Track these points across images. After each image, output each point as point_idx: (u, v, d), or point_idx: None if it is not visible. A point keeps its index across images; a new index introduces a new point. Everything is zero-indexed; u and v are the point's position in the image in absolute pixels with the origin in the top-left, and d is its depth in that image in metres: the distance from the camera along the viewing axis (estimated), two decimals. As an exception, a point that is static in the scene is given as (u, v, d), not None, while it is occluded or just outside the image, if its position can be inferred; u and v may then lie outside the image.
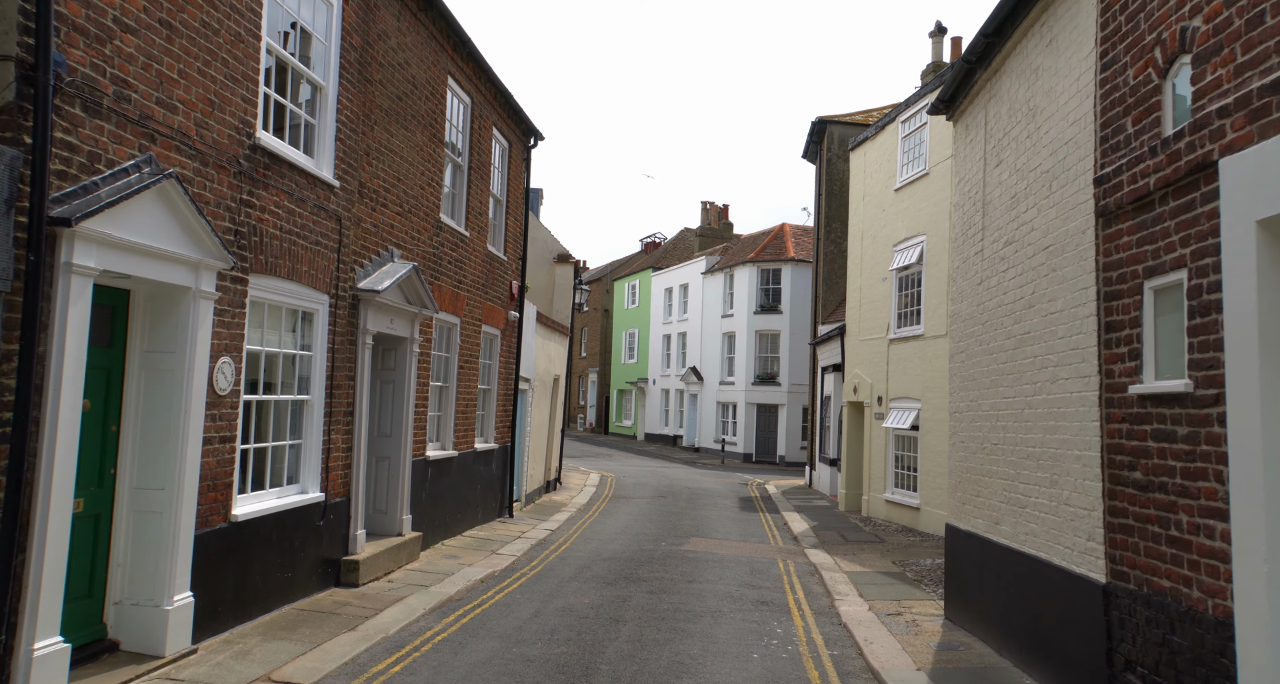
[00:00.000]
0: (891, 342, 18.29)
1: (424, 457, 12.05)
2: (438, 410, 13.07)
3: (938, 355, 16.25)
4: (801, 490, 25.31)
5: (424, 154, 11.64)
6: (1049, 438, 6.71)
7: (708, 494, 23.33)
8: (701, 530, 16.25)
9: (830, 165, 27.02)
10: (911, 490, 17.30)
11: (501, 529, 14.79)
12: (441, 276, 12.50)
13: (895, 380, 18.04)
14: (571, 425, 60.16)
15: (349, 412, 9.67)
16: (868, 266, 19.89)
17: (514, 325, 16.43)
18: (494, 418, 15.57)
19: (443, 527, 12.92)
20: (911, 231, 17.61)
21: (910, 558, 13.59)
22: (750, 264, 38.73)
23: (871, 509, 18.87)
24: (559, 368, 21.95)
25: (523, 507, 17.86)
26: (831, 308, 26.67)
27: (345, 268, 9.44)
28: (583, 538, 14.69)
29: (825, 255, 26.83)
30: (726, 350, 40.55)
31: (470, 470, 14.18)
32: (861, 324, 20.07)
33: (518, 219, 16.58)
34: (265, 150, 7.58)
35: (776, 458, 37.45)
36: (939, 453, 16.05)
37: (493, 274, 15.06)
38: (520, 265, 16.79)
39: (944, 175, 16.37)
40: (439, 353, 12.93)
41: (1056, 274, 6.62)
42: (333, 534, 9.32)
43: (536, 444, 19.38)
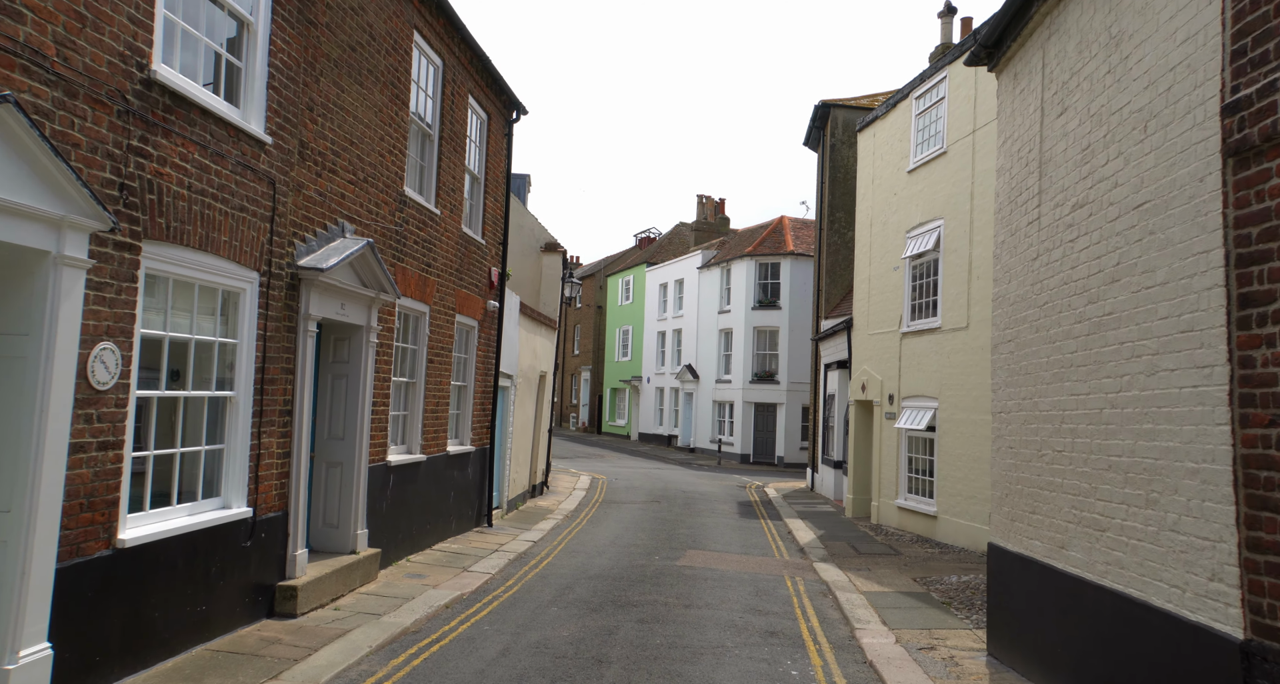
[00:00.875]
0: (904, 336, 16.89)
1: (384, 462, 10.61)
2: (402, 409, 11.63)
3: (957, 350, 14.86)
4: (803, 494, 23.92)
5: (384, 117, 10.20)
6: (1144, 445, 5.30)
7: (704, 499, 21.92)
8: (699, 541, 14.84)
9: (834, 151, 25.62)
10: (927, 497, 15.91)
11: (477, 541, 13.35)
12: (406, 258, 11.06)
13: (908, 377, 16.65)
14: (563, 425, 58.74)
15: (286, 411, 8.22)
16: (877, 255, 18.49)
17: (493, 316, 14.99)
18: (470, 418, 14.13)
19: (408, 540, 11.48)
20: (927, 216, 16.21)
21: (932, 574, 12.18)
22: (748, 258, 37.33)
23: (882, 516, 17.47)
24: (546, 364, 20.52)
25: (504, 514, 16.43)
26: (835, 302, 25.28)
27: (282, 241, 7.99)
28: (567, 551, 13.26)
29: (828, 246, 25.44)
30: (723, 348, 39.15)
31: (441, 476, 12.74)
32: (870, 317, 18.67)
33: (498, 200, 15.14)
34: (166, 88, 6.13)
35: (775, 459, 36.06)
36: (958, 456, 14.66)
37: (468, 259, 13.62)
38: (501, 251, 15.36)
39: (964, 153, 14.98)
40: (404, 345, 11.49)
41: (1156, 237, 5.21)
42: (265, 556, 7.88)
43: (520, 446, 17.95)
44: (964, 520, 14.37)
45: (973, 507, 14.13)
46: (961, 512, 14.48)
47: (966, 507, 14.32)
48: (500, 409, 16.38)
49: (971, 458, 14.22)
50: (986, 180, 14.20)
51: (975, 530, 14.00)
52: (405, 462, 11.26)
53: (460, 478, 13.63)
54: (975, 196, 14.55)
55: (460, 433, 14.02)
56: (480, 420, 14.62)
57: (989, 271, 13.97)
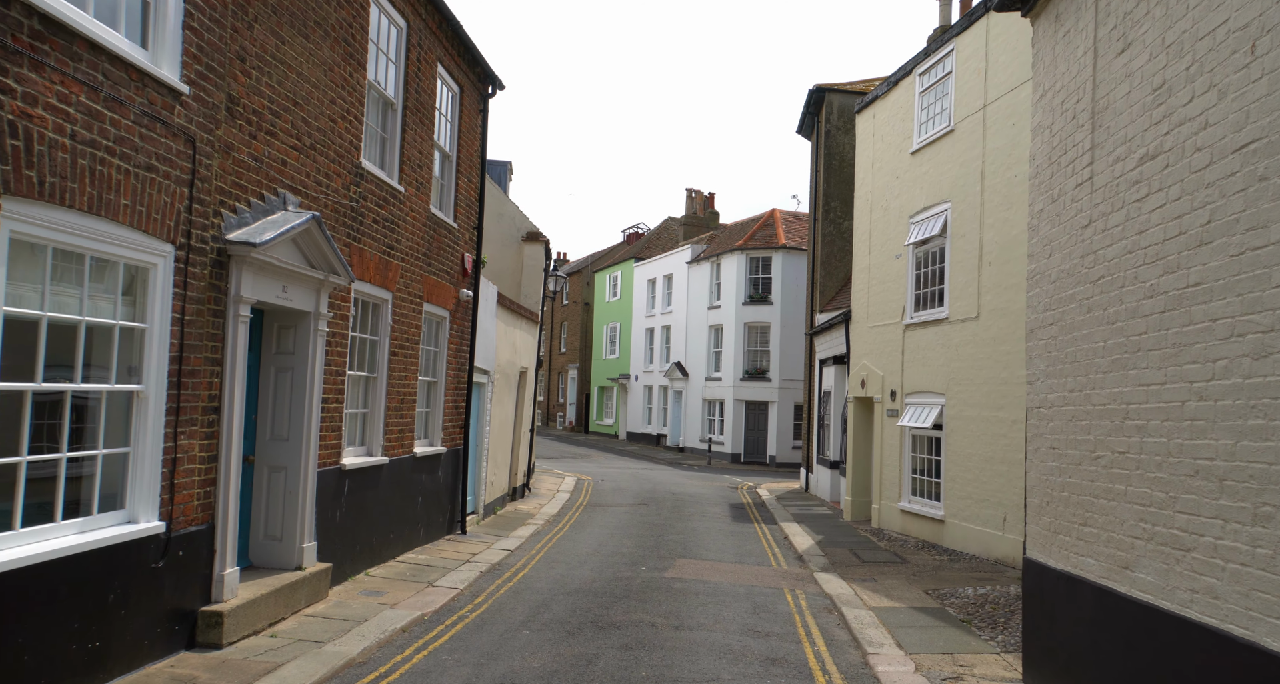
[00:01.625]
0: (908, 328, 15.85)
1: (338, 465, 9.48)
2: (361, 407, 10.49)
3: (965, 342, 13.82)
4: (798, 496, 22.87)
5: (336, 78, 9.06)
6: (1249, 446, 4.24)
7: (695, 501, 20.84)
8: (689, 548, 13.75)
9: (829, 138, 24.58)
10: (933, 499, 14.87)
11: (448, 551, 12.22)
12: (364, 238, 9.93)
13: (912, 372, 15.61)
14: (550, 424, 57.59)
15: (212, 408, 7.08)
16: (878, 243, 17.44)
17: (466, 306, 13.86)
18: (441, 416, 13.00)
19: (367, 552, 10.35)
20: (932, 199, 15.16)
21: (944, 585, 11.13)
22: (738, 252, 36.29)
23: (884, 520, 16.43)
24: (527, 359, 19.41)
25: (480, 520, 15.31)
26: (831, 294, 24.25)
27: (205, 211, 6.85)
28: (546, 561, 12.14)
29: (823, 237, 24.40)
30: (713, 344, 38.10)
31: (407, 480, 11.61)
32: (870, 309, 17.62)
33: (472, 181, 14.01)
34: (32, 8, 4.99)
35: (767, 458, 35.03)
36: (968, 457, 13.61)
37: (438, 243, 12.49)
38: (475, 236, 14.23)
39: (973, 131, 13.93)
40: (362, 335, 10.36)
41: (1269, 185, 4.14)
42: (183, 577, 6.74)
43: (499, 446, 16.83)
44: (975, 525, 13.33)
45: (984, 511, 13.10)
46: (972, 516, 13.44)
47: (977, 511, 13.28)
48: (475, 407, 15.26)
49: (983, 458, 13.18)
50: (999, 159, 13.16)
51: (988, 537, 12.96)
52: (364, 465, 10.13)
53: (429, 482, 12.51)
54: (986, 176, 13.50)
55: (430, 433, 12.89)
56: (452, 419, 13.49)
57: (1002, 257, 12.94)
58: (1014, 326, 12.53)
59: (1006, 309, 12.74)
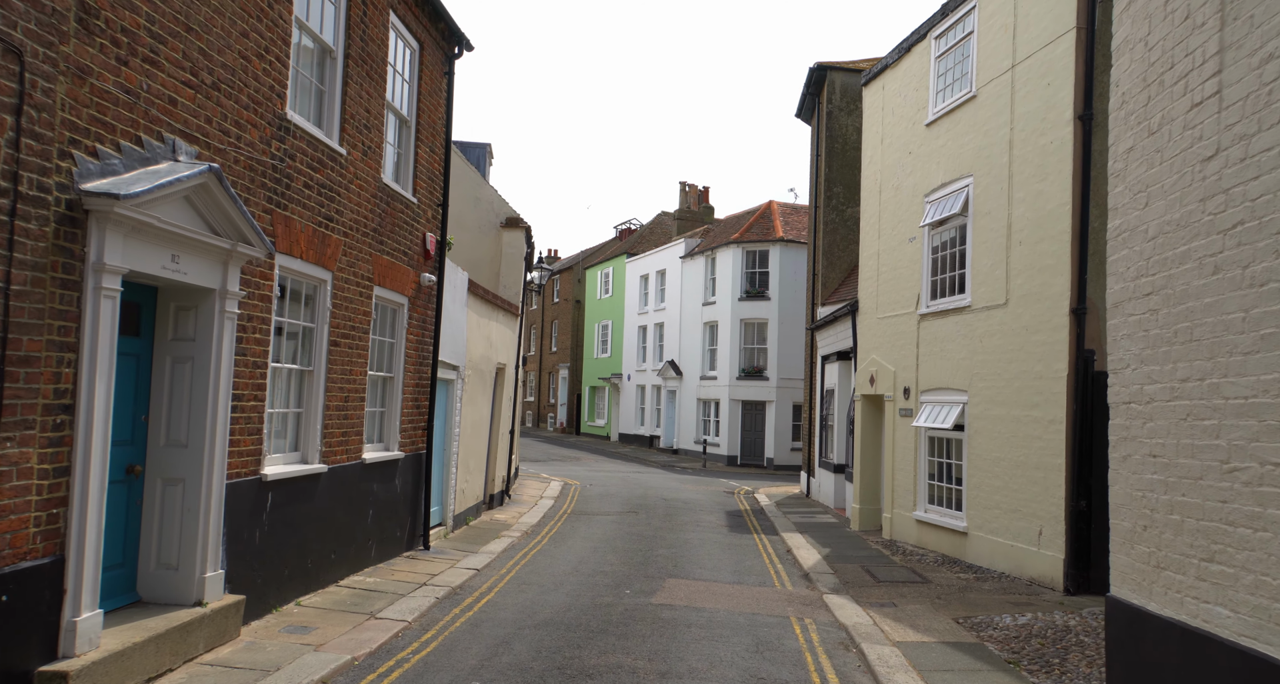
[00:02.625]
0: (923, 318, 14.30)
1: (257, 476, 7.89)
2: (293, 406, 8.91)
3: (992, 332, 12.27)
4: (799, 502, 21.32)
5: (250, 5, 7.47)
6: None
7: (688, 507, 19.27)
8: (681, 565, 12.18)
9: (831, 119, 23.05)
10: (954, 509, 13.32)
11: (404, 571, 10.64)
12: (292, 205, 8.34)
13: (929, 367, 14.06)
14: (541, 425, 55.99)
15: (62, 406, 5.49)
16: (888, 226, 15.90)
17: (430, 293, 12.28)
18: (399, 417, 11.42)
19: (299, 577, 8.76)
20: (952, 174, 13.62)
21: (977, 612, 9.58)
22: (734, 245, 34.73)
23: (897, 531, 14.87)
24: (505, 355, 17.82)
25: (448, 533, 13.72)
26: (833, 286, 22.71)
27: (44, 150, 5.26)
28: (517, 583, 10.57)
29: (825, 225, 22.87)
30: (708, 342, 36.54)
31: (354, 491, 10.03)
32: (880, 298, 16.08)
33: (435, 152, 12.43)
34: None
35: (764, 461, 33.48)
36: (995, 461, 12.07)
37: (393, 219, 10.91)
38: (440, 214, 12.64)
39: (1000, 95, 12.38)
40: (292, 321, 8.77)
41: None
42: (14, 628, 5.15)
43: (472, 450, 15.25)
44: (1004, 539, 11.78)
45: (1015, 523, 11.55)
46: (1000, 528, 11.89)
47: (1006, 522, 11.73)
48: (443, 407, 13.68)
49: (1012, 463, 11.64)
50: (1031, 124, 11.62)
51: (1019, 552, 11.40)
52: (294, 474, 8.54)
53: (383, 492, 10.92)
54: (1015, 145, 11.96)
55: (385, 436, 11.31)
56: (413, 420, 11.91)
57: (1036, 235, 11.39)
58: (1050, 313, 10.99)
59: (1041, 294, 11.20)
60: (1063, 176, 10.90)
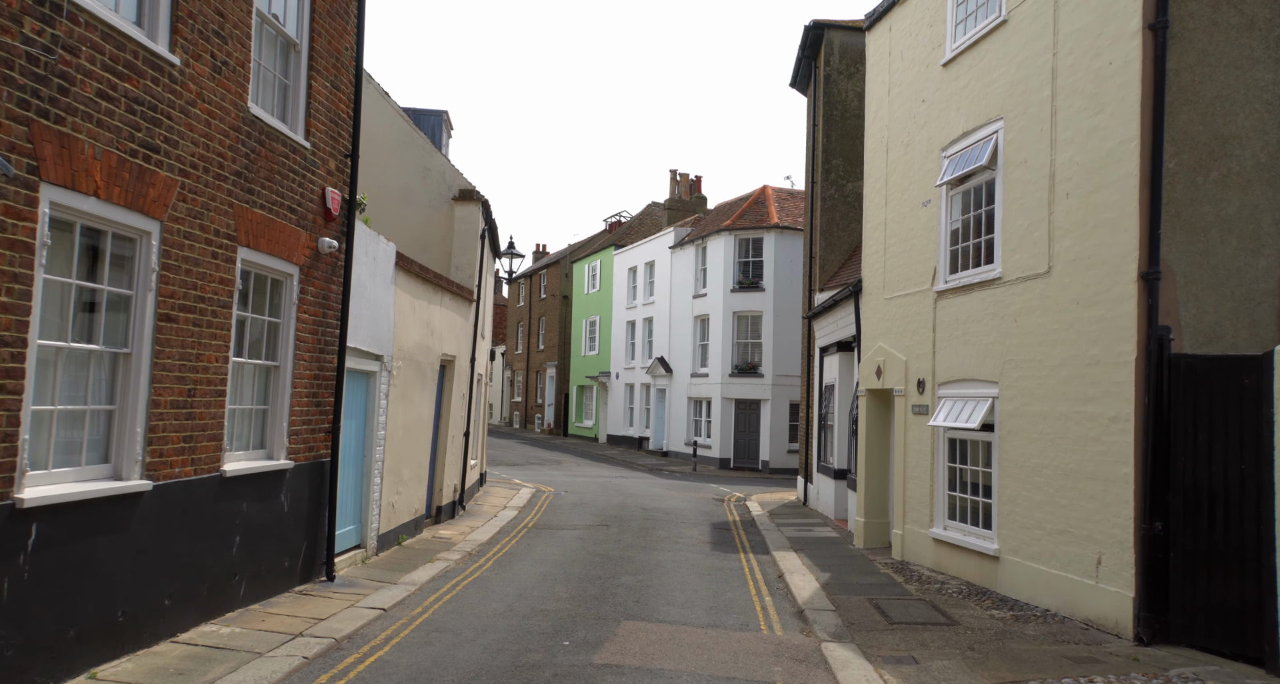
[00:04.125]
0: (941, 295, 11.93)
1: (8, 502, 5.50)
2: (98, 402, 6.52)
3: (1030, 309, 9.91)
4: (794, 511, 18.94)
5: None
6: None
7: (669, 519, 16.90)
8: (645, 600, 9.80)
9: (829, 84, 20.69)
10: (981, 527, 10.94)
11: (280, 616, 8.25)
12: (72, 119, 5.93)
13: (949, 355, 11.69)
14: (528, 426, 53.63)
15: None
16: (897, 190, 13.53)
17: (333, 263, 9.90)
18: (286, 416, 9.04)
19: (96, 639, 6.35)
20: (976, 120, 11.25)
21: (1028, 673, 7.19)
22: (726, 233, 32.37)
23: (909, 551, 12.49)
24: (454, 345, 15.43)
25: (367, 557, 11.33)
26: (833, 270, 20.35)
27: None
28: (427, 630, 8.19)
29: (823, 202, 20.51)
30: (699, 336, 34.17)
31: (207, 513, 7.65)
32: (888, 275, 13.70)
33: (340, 89, 10.05)
34: None
35: (759, 464, 31.10)
36: (1036, 469, 9.70)
37: (270, 164, 8.53)
38: (347, 166, 10.26)
39: (1038, 15, 10.01)
40: (88, 284, 6.37)
41: None
42: None
43: (405, 456, 12.87)
44: (1049, 567, 9.40)
45: (1064, 547, 9.17)
46: (1043, 554, 9.51)
47: (1052, 546, 9.36)
48: (359, 404, 11.29)
49: (1060, 472, 9.27)
50: (1083, 43, 9.24)
51: (1070, 585, 9.03)
52: (89, 496, 6.15)
53: (261, 512, 8.55)
54: (1060, 74, 9.59)
55: (268, 440, 8.93)
56: (310, 420, 9.53)
57: (1090, 183, 9.03)
58: (1110, 281, 8.62)
59: (1096, 257, 8.83)
60: (1126, 105, 8.52)
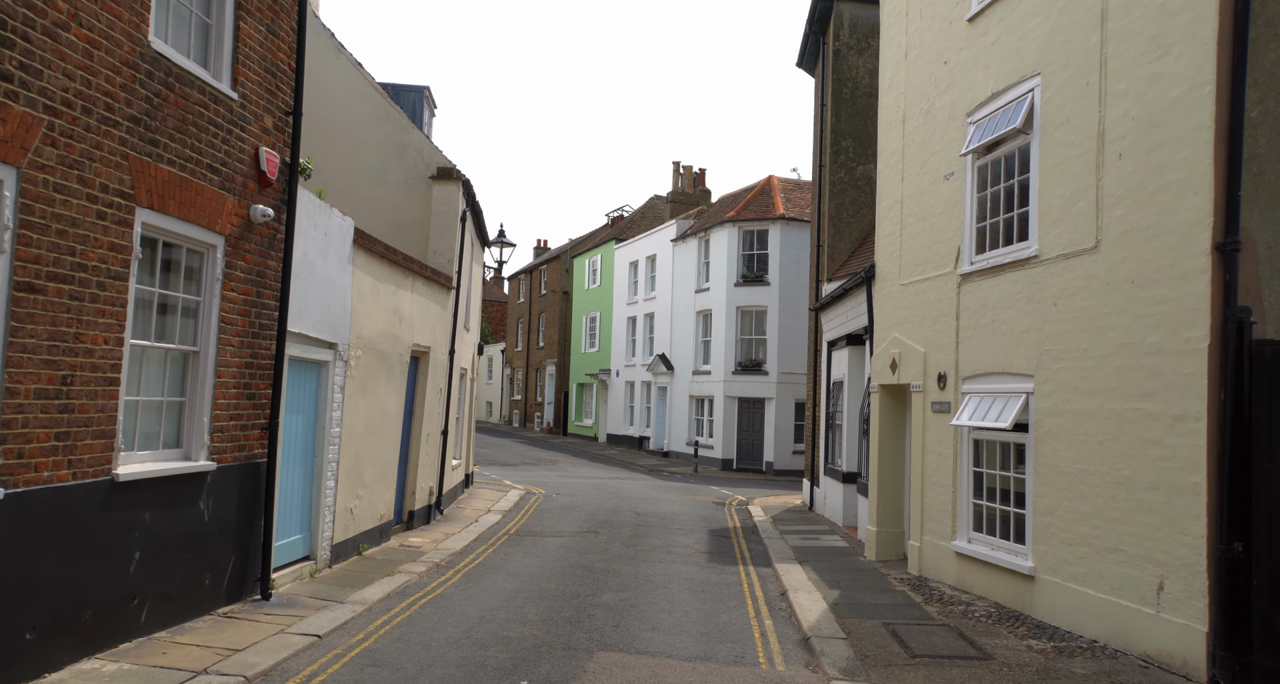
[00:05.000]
0: (966, 279, 10.59)
1: None
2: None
3: (1074, 290, 8.56)
4: (800, 517, 17.61)
5: None
6: None
7: (663, 525, 15.58)
8: (625, 623, 8.48)
9: (839, 61, 19.36)
10: (1013, 541, 9.60)
11: (188, 646, 6.94)
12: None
13: (975, 345, 10.35)
14: (528, 425, 52.34)
15: None
16: (915, 164, 12.19)
17: (271, 236, 8.60)
18: (208, 411, 7.75)
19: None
20: (1008, 78, 9.91)
21: (1080, 727, 5.87)
22: (730, 224, 31.02)
23: (928, 565, 11.15)
24: (429, 335, 14.13)
25: (317, 570, 10.04)
26: (842, 258, 19.00)
27: None
28: (362, 662, 6.88)
29: (832, 186, 19.16)
30: (701, 332, 32.84)
31: (91, 525, 6.35)
32: (904, 259, 12.36)
33: (278, 36, 8.74)
34: None
35: (763, 465, 29.76)
36: (1080, 476, 8.36)
37: (182, 112, 7.24)
38: (288, 126, 8.95)
39: (1083, -48, 8.65)
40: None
41: None
42: None
43: (367, 456, 11.57)
44: (1096, 590, 8.05)
45: (1115, 567, 7.83)
46: (1089, 574, 8.16)
47: (1100, 566, 8.01)
48: (308, 398, 9.99)
49: (1110, 479, 7.92)
50: (1137, -20, 7.89)
51: (1123, 613, 7.67)
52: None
53: (171, 522, 7.26)
54: (1111, 16, 8.24)
55: (187, 438, 7.64)
56: (240, 416, 8.24)
57: (1149, 141, 7.68)
58: (1174, 254, 7.28)
59: (1158, 227, 7.49)
60: (1198, 44, 7.17)
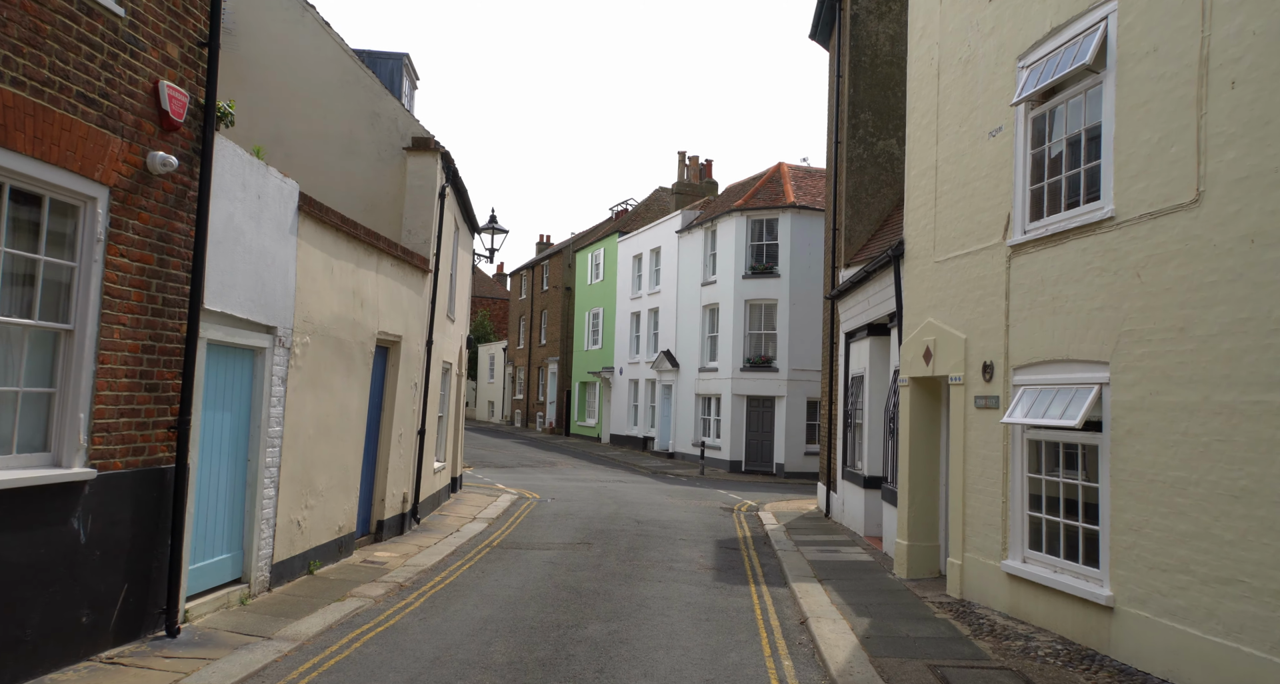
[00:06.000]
0: (1017, 251, 8.96)
1: None
2: None
3: (1164, 255, 6.92)
4: (816, 525, 16.00)
5: None
6: None
7: (666, 535, 13.99)
8: (610, 669, 6.87)
9: (856, 27, 17.73)
10: (1082, 562, 7.95)
11: (39, 709, 5.39)
12: None
13: (1030, 328, 8.71)
14: (530, 426, 50.79)
15: None
16: (952, 122, 10.56)
17: (179, 190, 7.03)
18: (87, 404, 6.18)
19: None
20: (1073, 8, 8.26)
21: None
22: (737, 214, 29.40)
23: (972, 587, 9.52)
24: (403, 324, 12.54)
25: (250, 595, 8.45)
26: (861, 242, 17.37)
27: None
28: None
29: (850, 163, 17.52)
30: (707, 328, 31.23)
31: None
32: (939, 232, 10.74)
33: (192, -51, 7.17)
34: None
35: (773, 467, 28.13)
36: (1177, 486, 6.71)
37: (35, 20, 5.66)
38: (202, 60, 7.37)
39: None
40: None
41: None
42: None
43: (319, 460, 9.99)
44: (1203, 631, 6.41)
45: (1231, 603, 6.18)
46: (1193, 610, 6.52)
47: (1210, 600, 6.37)
48: (239, 393, 8.41)
49: (1222, 491, 6.29)
50: None
51: (1247, 663, 6.02)
52: None
53: (25, 546, 5.68)
54: (1214, -88, 6.61)
55: (56, 438, 6.09)
56: (136, 411, 6.67)
57: (1273, 61, 6.05)
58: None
59: (1286, 168, 5.86)
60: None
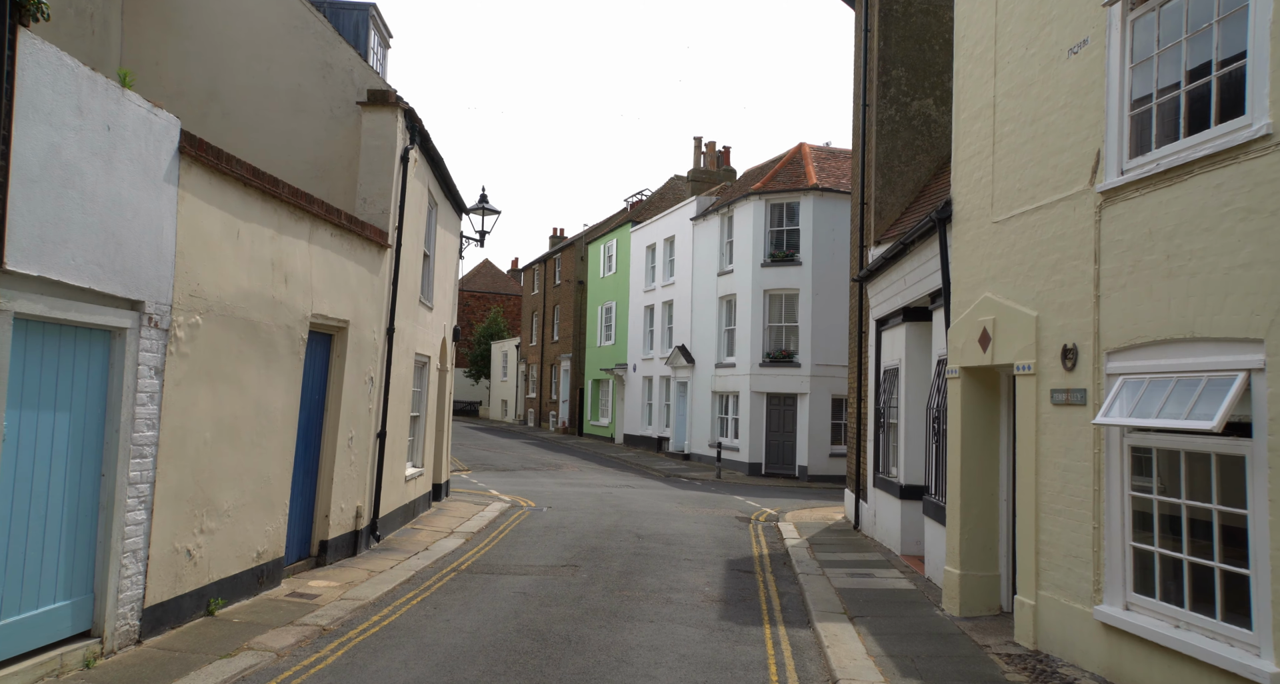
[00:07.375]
0: (1111, 197, 6.79)
1: None
2: None
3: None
4: (842, 538, 13.86)
5: None
6: None
7: (670, 552, 11.92)
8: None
9: (888, -29, 15.56)
10: (1220, 617, 5.78)
11: None
12: None
13: (1132, 298, 6.55)
14: (543, 425, 48.83)
15: None
16: (1016, 45, 8.40)
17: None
18: None
19: None
20: None
21: None
22: (755, 197, 27.25)
23: (1050, 636, 7.36)
24: (351, 307, 10.53)
25: (102, 655, 6.43)
26: (893, 217, 15.21)
27: None
28: None
29: (880, 127, 15.37)
30: (724, 321, 29.10)
31: None
32: (998, 186, 8.58)
33: None
34: None
35: (795, 470, 25.96)
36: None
37: None
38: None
39: None
40: None
41: None
42: None
43: (236, 469, 7.98)
44: None
45: None
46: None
47: None
48: (105, 385, 6.41)
49: None
50: None
51: None
52: None
53: None
54: None
55: None
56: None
57: None
58: None
59: None
60: None
